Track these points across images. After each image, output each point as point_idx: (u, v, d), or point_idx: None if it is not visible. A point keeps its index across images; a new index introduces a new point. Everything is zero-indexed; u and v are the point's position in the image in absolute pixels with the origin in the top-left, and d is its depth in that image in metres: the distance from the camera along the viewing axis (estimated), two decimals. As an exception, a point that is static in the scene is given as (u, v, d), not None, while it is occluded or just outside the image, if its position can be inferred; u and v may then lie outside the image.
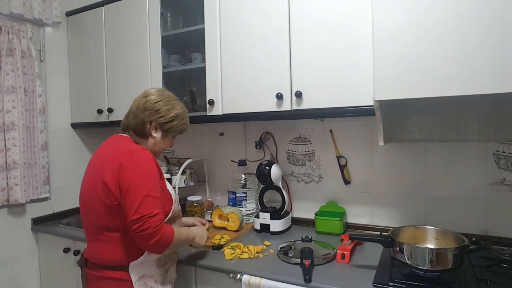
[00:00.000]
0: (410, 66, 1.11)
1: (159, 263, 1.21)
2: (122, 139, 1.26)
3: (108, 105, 2.03)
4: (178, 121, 1.30)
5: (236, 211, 1.71)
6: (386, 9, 1.13)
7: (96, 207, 1.15)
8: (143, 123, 1.25)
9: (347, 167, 1.73)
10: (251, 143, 1.99)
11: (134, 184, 1.09)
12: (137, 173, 1.10)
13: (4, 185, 1.83)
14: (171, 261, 1.27)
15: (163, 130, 1.28)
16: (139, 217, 1.05)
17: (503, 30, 0.98)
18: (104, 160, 1.17)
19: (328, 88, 1.40)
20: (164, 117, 1.26)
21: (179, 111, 1.30)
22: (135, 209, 1.05)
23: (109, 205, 1.12)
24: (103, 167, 1.15)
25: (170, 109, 1.27)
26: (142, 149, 1.18)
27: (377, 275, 1.18)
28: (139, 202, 1.06)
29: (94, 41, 2.08)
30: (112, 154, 1.16)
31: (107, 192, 1.12)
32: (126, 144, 1.20)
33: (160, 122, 1.26)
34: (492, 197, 1.45)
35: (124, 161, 1.12)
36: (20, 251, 1.94)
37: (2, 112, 1.83)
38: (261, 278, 1.22)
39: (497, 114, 1.41)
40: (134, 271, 1.15)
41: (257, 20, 1.54)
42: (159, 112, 1.25)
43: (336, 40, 1.38)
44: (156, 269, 1.20)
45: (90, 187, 1.18)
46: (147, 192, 1.09)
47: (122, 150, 1.15)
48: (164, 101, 1.27)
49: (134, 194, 1.07)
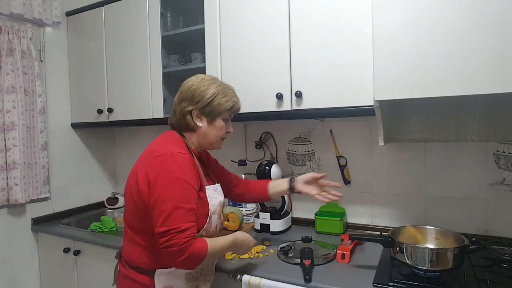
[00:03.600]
0: (410, 66, 1.11)
1: (189, 277, 1.12)
2: (170, 136, 1.16)
3: (108, 105, 2.03)
4: (220, 99, 1.14)
5: (236, 211, 1.71)
6: (386, 9, 1.13)
7: (129, 204, 1.10)
8: (183, 115, 1.14)
9: (347, 167, 1.73)
10: (251, 143, 1.99)
11: (165, 193, 0.99)
12: (169, 181, 1.00)
13: (4, 185, 1.83)
14: (203, 277, 1.17)
15: (207, 116, 1.15)
16: (166, 231, 0.96)
17: (503, 30, 0.98)
18: (144, 158, 1.10)
19: (328, 88, 1.40)
20: (201, 101, 1.13)
21: (217, 88, 1.15)
22: (162, 220, 0.97)
23: (139, 206, 1.06)
24: (140, 166, 1.08)
25: (204, 90, 1.13)
26: (181, 154, 1.05)
27: (377, 275, 1.18)
28: (168, 213, 0.97)
29: (94, 41, 2.08)
30: (151, 152, 1.08)
31: (138, 191, 1.05)
32: (169, 144, 1.10)
33: (200, 107, 1.13)
34: (492, 197, 1.45)
35: (159, 165, 1.02)
36: (20, 251, 1.94)
37: (2, 112, 1.83)
38: (261, 278, 1.22)
39: (497, 114, 1.41)
40: (160, 279, 1.07)
41: (257, 20, 1.54)
42: (194, 97, 1.13)
43: (336, 40, 1.37)
44: (185, 283, 1.11)
45: (127, 183, 1.12)
46: (176, 202, 0.98)
47: (161, 151, 1.05)
48: (197, 84, 1.15)
49: (163, 204, 0.98)
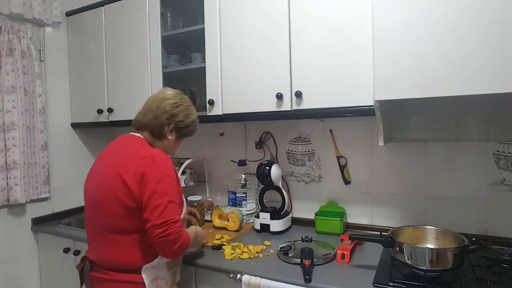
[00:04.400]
0: (410, 66, 1.11)
1: (169, 265, 1.23)
2: (138, 141, 1.26)
3: (108, 105, 2.03)
4: (193, 126, 1.34)
5: (236, 211, 1.71)
6: (386, 9, 1.13)
7: (112, 209, 1.13)
8: (162, 125, 1.26)
9: (347, 167, 1.73)
10: (251, 143, 1.99)
11: (159, 189, 1.10)
12: (160, 179, 1.12)
13: (4, 185, 1.83)
14: (177, 264, 1.29)
15: (178, 134, 1.30)
16: (163, 222, 1.06)
17: (503, 30, 0.98)
18: (124, 162, 1.15)
19: (328, 88, 1.40)
20: (183, 122, 1.29)
21: (195, 116, 1.35)
22: (159, 213, 1.07)
23: (129, 207, 1.12)
24: (123, 168, 1.13)
25: (189, 114, 1.31)
26: (163, 154, 1.19)
27: (377, 275, 1.18)
28: (164, 207, 1.08)
29: (94, 41, 2.08)
30: (133, 156, 1.16)
31: (127, 193, 1.11)
32: (145, 146, 1.22)
33: (179, 126, 1.28)
34: (492, 197, 1.45)
35: (148, 166, 1.12)
36: (20, 251, 1.94)
37: (2, 112, 1.83)
38: (261, 278, 1.22)
39: (497, 114, 1.41)
40: (147, 273, 1.15)
41: (257, 20, 1.54)
42: (179, 116, 1.27)
43: (336, 40, 1.38)
44: (167, 272, 1.22)
45: (106, 187, 1.15)
46: (170, 197, 1.11)
47: (144, 153, 1.16)
48: (184, 105, 1.30)
49: (158, 199, 1.09)
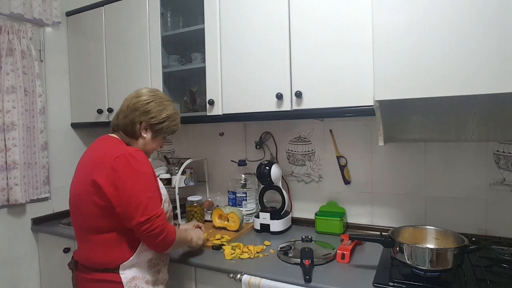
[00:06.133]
0: (410, 66, 1.11)
1: (151, 264, 1.21)
2: (112, 140, 1.24)
3: (108, 105, 2.03)
4: (169, 122, 1.29)
5: (236, 211, 1.71)
6: (386, 9, 1.13)
7: (87, 209, 1.14)
8: (133, 123, 1.24)
9: (347, 167, 1.73)
10: (251, 143, 1.99)
11: (137, 187, 1.10)
12: (137, 176, 1.11)
13: (4, 185, 1.83)
14: (162, 262, 1.27)
15: (154, 131, 1.27)
16: (147, 219, 1.08)
17: (503, 30, 0.98)
18: (96, 162, 1.15)
19: (328, 88, 1.40)
20: (155, 118, 1.25)
21: (171, 112, 1.29)
22: (141, 212, 1.08)
23: (103, 207, 1.12)
24: (95, 169, 1.13)
25: (161, 110, 1.26)
26: (136, 150, 1.17)
27: (377, 275, 1.18)
28: (145, 204, 1.09)
29: (94, 41, 2.08)
30: (105, 156, 1.14)
31: (100, 193, 1.11)
32: (118, 146, 1.19)
33: (151, 123, 1.25)
34: (492, 197, 1.45)
35: (121, 165, 1.11)
36: (20, 251, 1.94)
37: (2, 112, 1.83)
38: (261, 278, 1.22)
39: (497, 114, 1.41)
40: (125, 273, 1.14)
41: (257, 20, 1.54)
42: (150, 113, 1.24)
43: (336, 40, 1.38)
44: (147, 270, 1.20)
45: (81, 189, 1.17)
46: (149, 193, 1.12)
47: (116, 153, 1.13)
48: (156, 101, 1.26)
49: (138, 197, 1.09)
